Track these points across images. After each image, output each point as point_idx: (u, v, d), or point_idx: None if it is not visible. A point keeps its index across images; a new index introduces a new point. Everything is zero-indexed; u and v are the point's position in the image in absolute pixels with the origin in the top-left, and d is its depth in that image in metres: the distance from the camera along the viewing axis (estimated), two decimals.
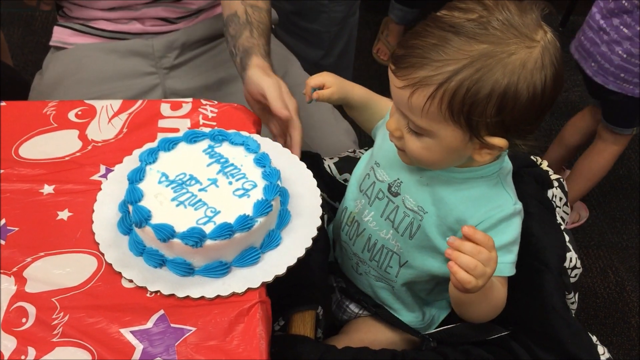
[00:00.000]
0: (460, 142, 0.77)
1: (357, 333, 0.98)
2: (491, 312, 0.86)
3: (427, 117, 0.76)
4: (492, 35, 0.72)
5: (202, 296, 0.79)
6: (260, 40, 1.09)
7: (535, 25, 0.74)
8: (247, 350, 0.74)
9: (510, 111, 0.74)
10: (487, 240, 0.74)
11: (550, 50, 0.75)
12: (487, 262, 0.73)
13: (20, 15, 2.53)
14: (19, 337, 0.75)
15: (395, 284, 0.95)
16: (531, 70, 0.73)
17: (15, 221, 0.87)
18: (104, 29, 1.33)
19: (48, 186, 0.91)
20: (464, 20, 0.73)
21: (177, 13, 1.34)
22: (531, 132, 0.79)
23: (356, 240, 0.97)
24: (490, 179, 0.85)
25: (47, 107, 1.04)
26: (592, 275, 1.82)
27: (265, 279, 0.81)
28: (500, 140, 0.76)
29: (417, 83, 0.74)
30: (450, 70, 0.72)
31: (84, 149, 0.97)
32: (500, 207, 0.83)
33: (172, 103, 1.06)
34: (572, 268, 0.99)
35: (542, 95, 0.74)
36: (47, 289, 0.79)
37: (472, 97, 0.72)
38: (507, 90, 0.72)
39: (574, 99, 2.38)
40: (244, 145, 0.91)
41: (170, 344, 0.75)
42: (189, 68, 1.38)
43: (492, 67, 0.72)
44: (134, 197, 0.82)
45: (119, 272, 0.81)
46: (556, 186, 1.07)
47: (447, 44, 0.72)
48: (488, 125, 0.75)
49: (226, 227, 0.79)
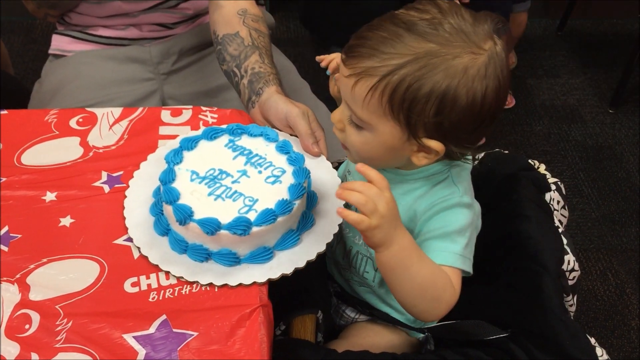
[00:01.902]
0: (398, 140, 0.78)
1: (356, 338, 0.99)
2: (425, 298, 0.81)
3: (368, 109, 0.77)
4: (440, 37, 0.74)
5: (254, 282, 0.82)
6: (273, 69, 1.10)
7: (486, 35, 0.75)
8: (249, 354, 0.75)
9: (448, 114, 0.75)
10: (380, 179, 0.74)
11: (496, 62, 0.75)
12: (378, 199, 0.73)
13: (20, 24, 2.55)
14: (22, 343, 0.75)
15: (375, 288, 0.96)
16: (473, 77, 0.74)
17: (17, 228, 0.88)
18: (102, 35, 1.35)
19: (50, 193, 0.92)
20: (417, 19, 0.75)
21: (174, 18, 1.35)
22: (469, 142, 0.79)
23: (337, 247, 0.99)
24: (440, 176, 0.85)
25: (48, 114, 1.05)
26: (592, 278, 1.83)
27: (309, 257, 0.84)
28: (437, 144, 0.77)
29: (361, 73, 0.75)
30: (395, 63, 0.74)
31: (86, 156, 0.98)
32: (445, 198, 0.83)
33: (172, 110, 1.07)
34: (570, 271, 0.99)
35: (481, 104, 0.75)
36: (50, 296, 0.80)
37: (413, 94, 0.74)
38: (446, 92, 0.73)
39: (572, 103, 2.39)
40: (262, 136, 0.94)
41: (173, 349, 0.75)
42: (186, 74, 1.39)
43: (435, 66, 0.73)
44: (171, 197, 0.84)
45: (166, 271, 0.83)
46: (554, 189, 1.07)
47: (397, 39, 0.74)
48: (426, 125, 0.76)
49: (269, 213, 0.82)
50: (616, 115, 2.34)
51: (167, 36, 1.37)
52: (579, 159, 2.18)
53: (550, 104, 2.39)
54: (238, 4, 1.18)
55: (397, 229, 0.77)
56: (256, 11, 1.19)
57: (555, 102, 2.40)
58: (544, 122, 2.31)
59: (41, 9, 1.30)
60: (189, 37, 1.39)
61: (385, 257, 0.78)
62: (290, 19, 2.68)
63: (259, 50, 1.12)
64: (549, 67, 2.54)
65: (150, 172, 0.94)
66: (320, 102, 1.41)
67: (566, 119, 2.33)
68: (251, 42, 1.12)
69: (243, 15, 1.16)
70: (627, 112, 2.35)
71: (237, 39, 1.13)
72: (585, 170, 2.14)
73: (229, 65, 1.13)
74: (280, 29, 2.59)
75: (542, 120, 2.32)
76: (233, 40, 1.14)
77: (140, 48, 1.35)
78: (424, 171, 0.85)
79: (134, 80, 1.34)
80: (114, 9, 1.29)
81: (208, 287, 0.82)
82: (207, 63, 1.40)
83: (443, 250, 0.81)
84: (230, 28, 1.15)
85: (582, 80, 2.49)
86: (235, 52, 1.12)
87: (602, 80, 2.48)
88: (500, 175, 1.05)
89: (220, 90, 1.37)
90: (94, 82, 1.32)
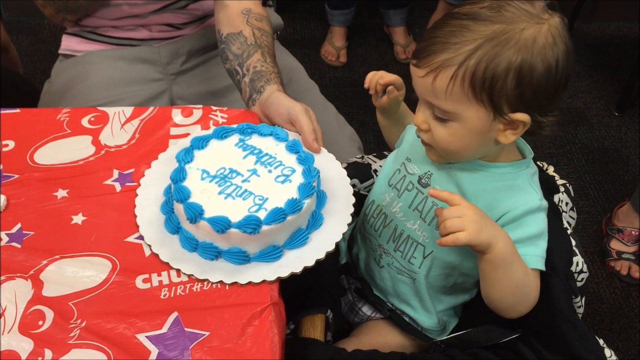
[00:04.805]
0: (485, 121, 0.81)
1: (367, 336, 0.99)
2: (517, 294, 0.86)
3: (452, 98, 0.80)
4: (503, 17, 0.78)
5: (264, 280, 0.82)
6: (275, 68, 1.11)
7: (542, 9, 0.79)
8: (260, 352, 0.75)
9: (528, 84, 0.78)
10: (450, 195, 0.82)
11: (559, 29, 0.79)
12: (460, 211, 0.80)
13: (28, 24, 2.55)
14: (36, 339, 0.76)
15: (417, 276, 0.97)
16: (543, 45, 0.78)
17: (30, 225, 0.89)
18: (112, 35, 1.35)
19: (62, 191, 0.93)
20: (477, 8, 0.79)
21: (183, 19, 1.36)
22: (550, 108, 0.83)
23: (382, 231, 0.99)
24: (517, 175, 0.88)
25: (60, 113, 1.06)
26: (598, 281, 1.83)
27: (318, 256, 0.85)
28: (523, 115, 0.80)
29: (438, 67, 0.79)
30: (469, 49, 0.77)
31: (97, 154, 0.99)
32: (526, 200, 0.86)
33: (182, 109, 1.07)
34: (578, 272, 1.00)
35: (556, 69, 0.79)
36: (63, 292, 0.81)
37: (491, 72, 0.77)
38: (522, 64, 0.77)
39: (578, 106, 2.39)
40: (272, 135, 0.95)
41: (185, 347, 0.76)
42: (195, 74, 1.40)
43: (507, 42, 0.77)
44: (182, 196, 0.85)
45: (177, 268, 0.84)
46: (562, 191, 1.07)
47: (465, 28, 0.78)
48: (509, 100, 0.79)
49: (279, 212, 0.82)
50: (622, 118, 2.34)
51: (176, 37, 1.38)
52: (585, 161, 2.18)
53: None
54: (242, 4, 1.18)
55: (495, 226, 0.82)
56: (260, 10, 1.20)
57: (561, 105, 2.39)
58: None
59: (60, 14, 1.31)
60: (198, 38, 1.39)
61: (494, 255, 0.81)
62: (297, 20, 2.68)
63: (262, 49, 1.13)
64: None
65: (161, 170, 0.95)
66: (328, 103, 1.41)
67: (572, 122, 2.33)
68: (254, 41, 1.13)
69: (247, 14, 1.17)
70: (633, 115, 2.35)
71: (240, 37, 1.14)
72: (591, 172, 2.14)
73: (232, 63, 1.14)
74: (287, 30, 2.60)
75: None
76: (236, 39, 1.14)
77: (149, 48, 1.36)
78: (502, 167, 0.88)
79: (144, 80, 1.35)
80: (123, 11, 1.30)
81: (219, 284, 0.82)
82: (215, 63, 1.41)
83: (526, 255, 0.85)
84: (234, 27, 1.16)
85: (589, 83, 2.48)
86: (238, 51, 1.13)
87: (608, 83, 2.48)
88: None
89: (228, 90, 1.37)
90: (103, 82, 1.32)
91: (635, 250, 1.84)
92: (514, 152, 0.91)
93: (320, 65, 2.49)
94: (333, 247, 0.86)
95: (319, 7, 2.63)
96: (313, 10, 2.72)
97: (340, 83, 2.41)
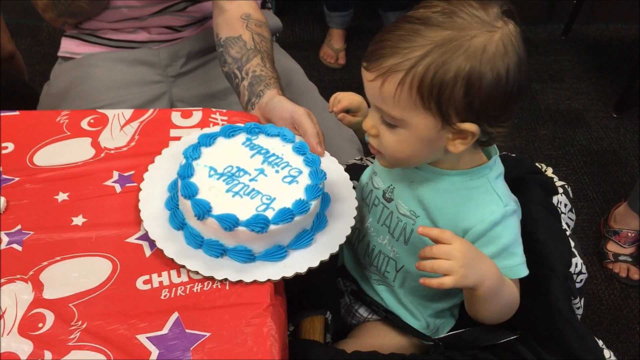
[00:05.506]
0: (433, 130, 0.79)
1: (366, 337, 0.99)
2: (504, 312, 0.87)
3: (399, 105, 0.78)
4: (455, 23, 0.76)
5: (269, 279, 0.83)
6: (274, 73, 1.11)
7: (496, 16, 0.78)
8: (261, 352, 0.75)
9: (477, 93, 0.76)
10: (440, 233, 0.79)
11: (512, 38, 0.77)
12: (449, 253, 0.78)
13: (27, 26, 2.56)
14: (35, 341, 0.76)
15: (395, 289, 0.97)
16: (493, 54, 0.76)
17: (31, 227, 0.88)
18: (111, 38, 1.36)
19: (62, 193, 0.93)
20: (430, 12, 0.77)
21: (183, 21, 1.36)
22: (501, 119, 0.81)
23: (358, 246, 1.00)
24: (477, 183, 0.86)
25: (60, 115, 1.06)
26: (597, 282, 1.83)
27: (323, 257, 0.85)
28: (471, 125, 0.78)
29: (387, 72, 0.77)
30: (417, 55, 0.76)
31: (97, 156, 0.99)
32: (489, 211, 0.84)
33: (182, 112, 1.08)
34: (577, 273, 1.00)
35: (506, 79, 0.77)
36: (64, 294, 0.81)
37: (439, 80, 0.75)
38: (471, 72, 0.75)
39: (577, 107, 2.40)
40: (279, 136, 0.95)
41: (186, 348, 0.76)
42: (194, 76, 1.40)
43: (456, 50, 0.75)
44: (190, 192, 0.84)
45: (182, 264, 0.83)
46: (561, 193, 1.08)
47: (415, 33, 0.76)
48: (458, 109, 0.77)
49: (287, 212, 0.83)
50: (621, 120, 2.35)
51: (175, 39, 1.38)
52: (584, 163, 2.18)
53: (555, 109, 2.39)
54: (242, 9, 1.19)
55: (482, 263, 0.80)
56: (259, 16, 1.20)
57: (560, 107, 2.40)
58: (549, 127, 2.32)
59: (61, 18, 1.31)
60: (197, 41, 1.39)
61: (482, 293, 0.81)
62: (296, 23, 2.69)
63: (261, 54, 1.13)
64: (553, 72, 2.55)
65: (165, 166, 0.94)
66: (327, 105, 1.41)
67: (571, 124, 2.34)
68: (253, 46, 1.13)
69: (246, 19, 1.17)
70: (632, 117, 2.35)
71: (240, 42, 1.14)
72: (590, 174, 2.14)
73: (230, 67, 1.14)
74: (286, 32, 2.61)
75: (546, 125, 2.32)
76: (235, 43, 1.15)
77: (149, 51, 1.36)
78: (462, 174, 0.86)
79: (143, 83, 1.35)
80: (122, 14, 1.30)
81: (220, 284, 0.83)
82: (215, 66, 1.41)
83: (505, 267, 0.84)
84: (233, 31, 1.16)
85: (587, 85, 2.49)
86: (237, 55, 1.13)
87: (607, 84, 2.49)
88: (508, 178, 1.06)
89: (228, 92, 1.37)
90: (103, 84, 1.33)
91: (632, 252, 1.85)
92: (477, 155, 0.87)
93: (319, 67, 2.50)
94: (337, 249, 0.86)
95: (318, 10, 2.64)
96: (312, 12, 2.72)
97: (339, 85, 2.41)
